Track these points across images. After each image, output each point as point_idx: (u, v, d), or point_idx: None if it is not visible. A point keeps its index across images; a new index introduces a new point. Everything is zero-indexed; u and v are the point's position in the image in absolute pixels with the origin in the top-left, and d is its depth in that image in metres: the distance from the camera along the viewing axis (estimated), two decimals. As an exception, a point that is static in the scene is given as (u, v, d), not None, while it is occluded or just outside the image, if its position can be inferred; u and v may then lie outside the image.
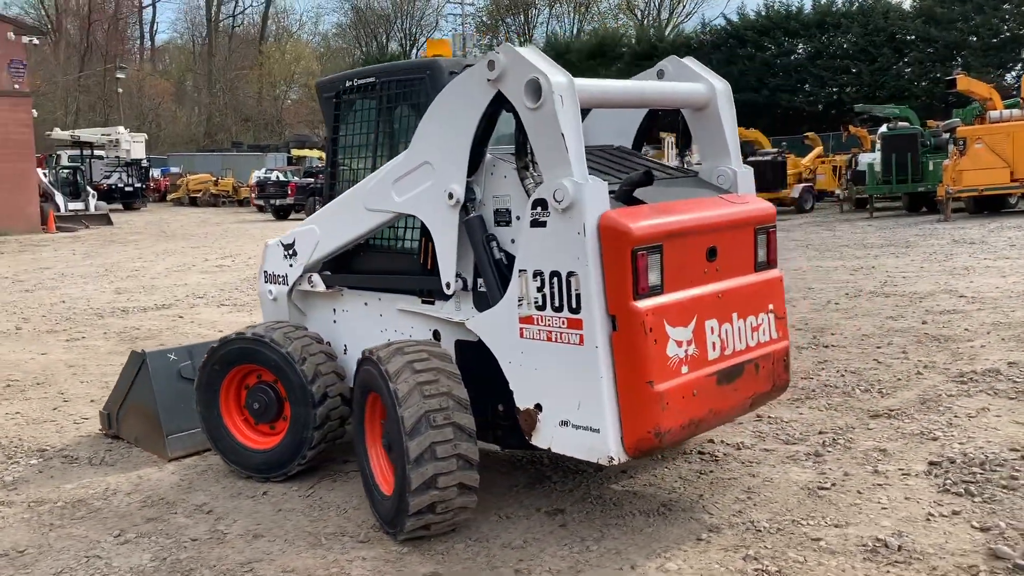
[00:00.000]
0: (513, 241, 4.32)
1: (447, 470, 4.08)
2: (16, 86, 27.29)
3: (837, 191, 27.22)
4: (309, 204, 32.09)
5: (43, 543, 4.54)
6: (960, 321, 8.70)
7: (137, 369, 5.96)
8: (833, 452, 5.27)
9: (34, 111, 28.53)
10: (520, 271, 4.15)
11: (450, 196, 4.39)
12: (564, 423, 4.06)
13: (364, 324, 5.30)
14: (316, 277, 5.47)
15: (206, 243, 23.06)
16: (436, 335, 4.85)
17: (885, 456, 5.16)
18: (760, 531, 4.24)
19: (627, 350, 3.86)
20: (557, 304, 3.99)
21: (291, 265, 5.54)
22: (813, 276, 12.60)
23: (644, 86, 4.59)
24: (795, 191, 27.21)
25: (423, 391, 4.14)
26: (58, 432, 6.54)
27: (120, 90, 45.71)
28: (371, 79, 5.16)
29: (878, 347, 7.82)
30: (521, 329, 4.18)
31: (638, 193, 4.34)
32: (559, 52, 52.54)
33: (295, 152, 41.69)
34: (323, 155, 42.89)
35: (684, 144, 5.08)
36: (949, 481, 4.70)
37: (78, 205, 30.46)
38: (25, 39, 27.58)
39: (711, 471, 5.08)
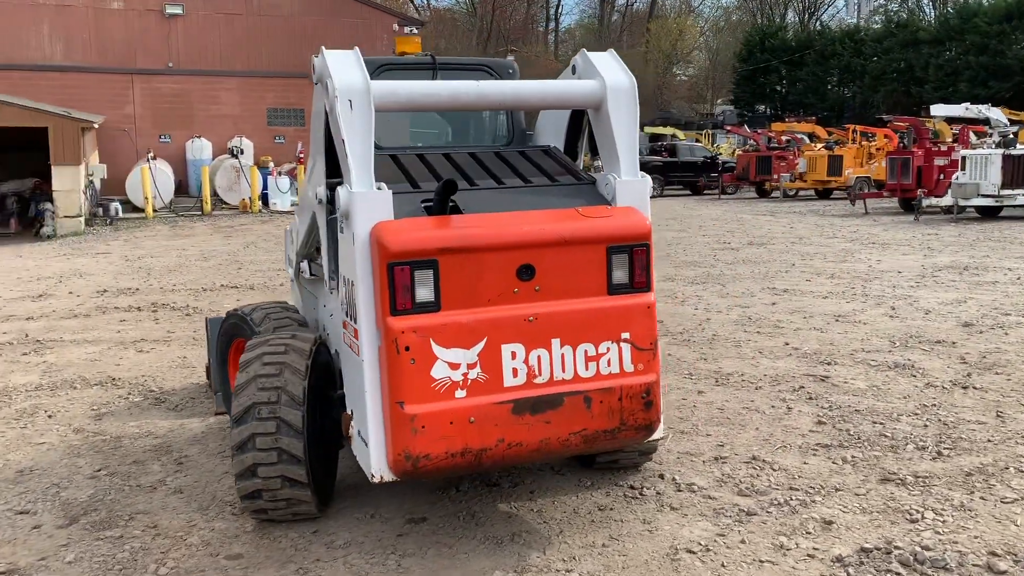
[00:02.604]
0: None
1: (267, 461, 4.27)
2: (396, 71, 31.11)
3: None
4: (647, 182, 32.41)
5: (49, 468, 5.57)
6: None
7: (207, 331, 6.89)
8: (771, 515, 4.45)
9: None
10: (341, 275, 4.17)
11: (316, 195, 4.51)
12: (358, 433, 4.04)
13: (334, 311, 5.59)
14: (304, 264, 5.87)
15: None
16: None
17: (822, 529, 4.24)
18: (561, 583, 3.83)
19: (383, 367, 3.73)
20: (350, 313, 3.97)
21: (292, 252, 6.00)
22: (1098, 297, 10.06)
23: (487, 87, 4.21)
24: None
25: (259, 383, 4.35)
26: (184, 378, 7.76)
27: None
28: (328, 78, 5.38)
29: (1027, 397, 6.19)
30: (343, 333, 4.21)
31: (482, 203, 4.08)
32: (965, 16, 46.32)
33: (648, 130, 42.05)
34: (677, 132, 42.75)
35: (593, 148, 4.57)
36: (846, 575, 3.77)
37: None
38: (407, 29, 31.31)
39: (611, 509, 4.60)
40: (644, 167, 24.90)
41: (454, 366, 3.75)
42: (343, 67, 3.92)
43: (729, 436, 5.65)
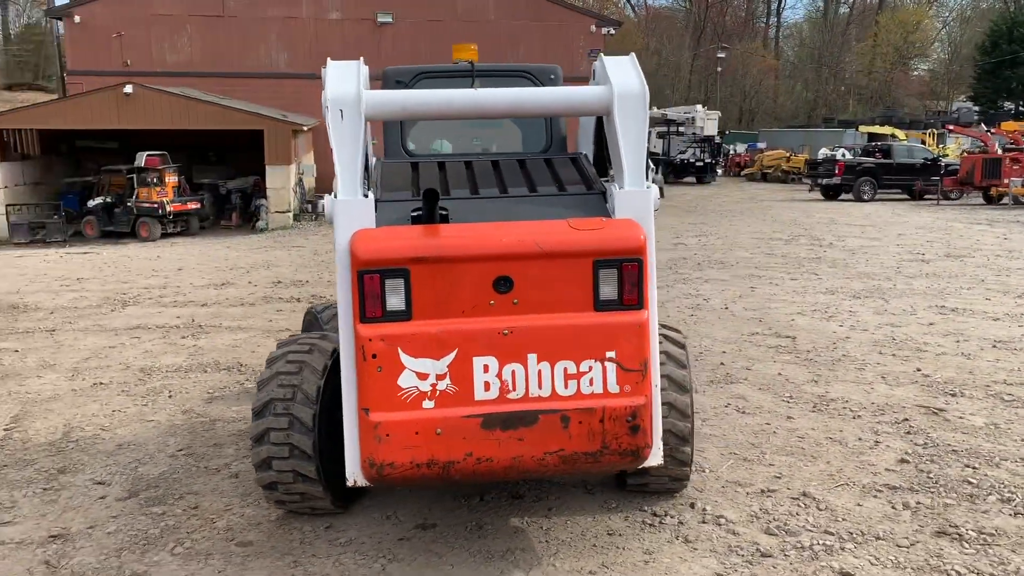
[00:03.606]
0: None
1: (280, 455, 4.45)
2: (593, 72, 31.20)
3: None
4: (856, 185, 30.38)
5: (143, 444, 6.09)
6: None
7: (306, 322, 7.27)
8: (787, 559, 4.06)
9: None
10: (349, 280, 4.25)
11: None
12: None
13: None
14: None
15: (714, 220, 23.57)
16: None
17: (834, 582, 3.81)
18: (525, 607, 3.71)
19: (354, 374, 3.78)
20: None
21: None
22: None
23: (483, 95, 4.07)
24: None
25: (280, 380, 4.55)
26: (301, 368, 8.22)
27: (720, 69, 48.26)
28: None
29: None
30: (345, 337, 4.30)
31: (474, 213, 4.03)
32: None
33: (864, 129, 39.19)
34: (896, 132, 39.59)
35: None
36: (830, 636, 3.37)
37: (638, 178, 33.64)
38: (604, 30, 31.28)
39: (621, 535, 4.38)
40: (853, 169, 23.48)
41: (422, 376, 3.73)
42: (338, 77, 4.01)
43: (792, 468, 5.21)
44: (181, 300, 12.21)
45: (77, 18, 29.13)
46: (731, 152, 47.43)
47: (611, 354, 3.80)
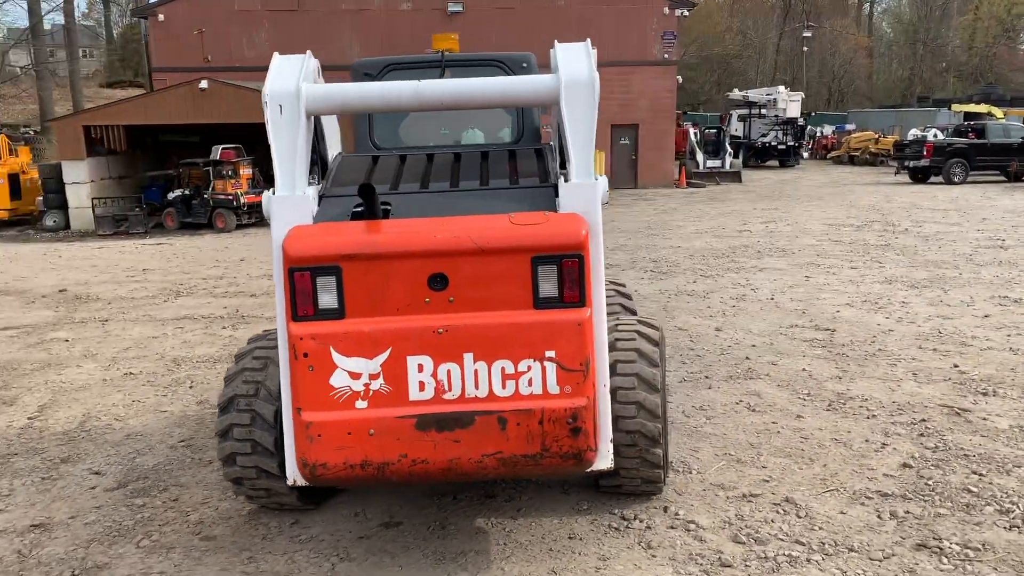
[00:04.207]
0: None
1: (242, 451, 4.46)
2: (666, 55, 30.57)
3: None
4: (946, 167, 28.92)
5: (148, 434, 6.23)
6: None
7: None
8: (747, 569, 3.84)
9: (679, 77, 31.57)
10: (294, 277, 4.21)
11: None
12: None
13: None
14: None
15: (788, 206, 22.79)
16: None
17: (788, 597, 3.58)
18: (460, 612, 3.61)
19: (287, 373, 3.73)
20: (284, 315, 4.01)
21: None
22: None
23: (424, 87, 3.94)
24: None
25: (244, 376, 4.56)
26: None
27: (806, 48, 46.52)
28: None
29: None
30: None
31: (416, 208, 3.93)
32: None
33: (956, 107, 37.16)
34: (993, 110, 37.45)
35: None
36: (764, 657, 3.16)
37: (715, 163, 32.83)
38: (677, 12, 30.58)
39: (581, 539, 4.22)
40: (942, 150, 22.76)
41: (355, 375, 3.65)
42: (279, 72, 3.95)
43: (785, 471, 4.95)
44: (232, 291, 12.48)
45: (161, 16, 30.13)
46: (818, 134, 45.83)
47: (551, 353, 3.64)
